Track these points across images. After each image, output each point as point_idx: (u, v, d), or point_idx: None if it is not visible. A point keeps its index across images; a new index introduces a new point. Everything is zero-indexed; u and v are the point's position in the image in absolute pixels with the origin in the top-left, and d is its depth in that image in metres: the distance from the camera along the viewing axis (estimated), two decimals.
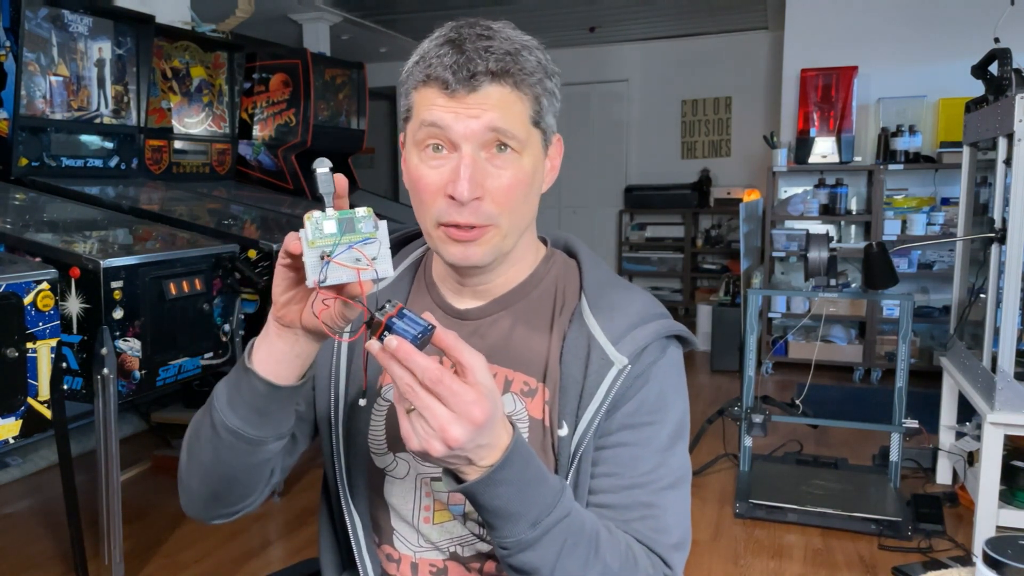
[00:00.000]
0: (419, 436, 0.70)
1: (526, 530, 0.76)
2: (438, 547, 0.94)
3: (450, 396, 0.69)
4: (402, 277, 1.01)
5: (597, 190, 7.23)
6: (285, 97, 3.99)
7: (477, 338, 0.94)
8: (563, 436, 0.88)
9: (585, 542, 0.79)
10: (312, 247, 0.71)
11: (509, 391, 0.92)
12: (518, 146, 0.85)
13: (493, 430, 0.72)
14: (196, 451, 0.90)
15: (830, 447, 3.47)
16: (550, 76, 0.88)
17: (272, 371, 0.82)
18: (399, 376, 0.69)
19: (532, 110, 0.86)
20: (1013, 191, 2.35)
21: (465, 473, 0.74)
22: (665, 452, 0.89)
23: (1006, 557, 0.76)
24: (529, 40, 0.88)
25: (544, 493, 0.77)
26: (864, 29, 4.87)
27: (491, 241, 0.87)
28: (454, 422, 0.69)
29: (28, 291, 1.80)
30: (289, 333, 0.80)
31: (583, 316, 0.91)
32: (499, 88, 0.83)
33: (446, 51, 0.83)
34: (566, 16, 6.10)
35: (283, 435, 0.88)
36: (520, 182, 0.86)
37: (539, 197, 0.92)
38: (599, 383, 0.87)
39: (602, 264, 0.98)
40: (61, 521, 2.59)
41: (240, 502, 0.94)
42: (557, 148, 0.93)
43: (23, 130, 2.70)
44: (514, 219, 0.87)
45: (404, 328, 0.69)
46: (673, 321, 0.92)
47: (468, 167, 0.82)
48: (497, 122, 0.83)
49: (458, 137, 0.83)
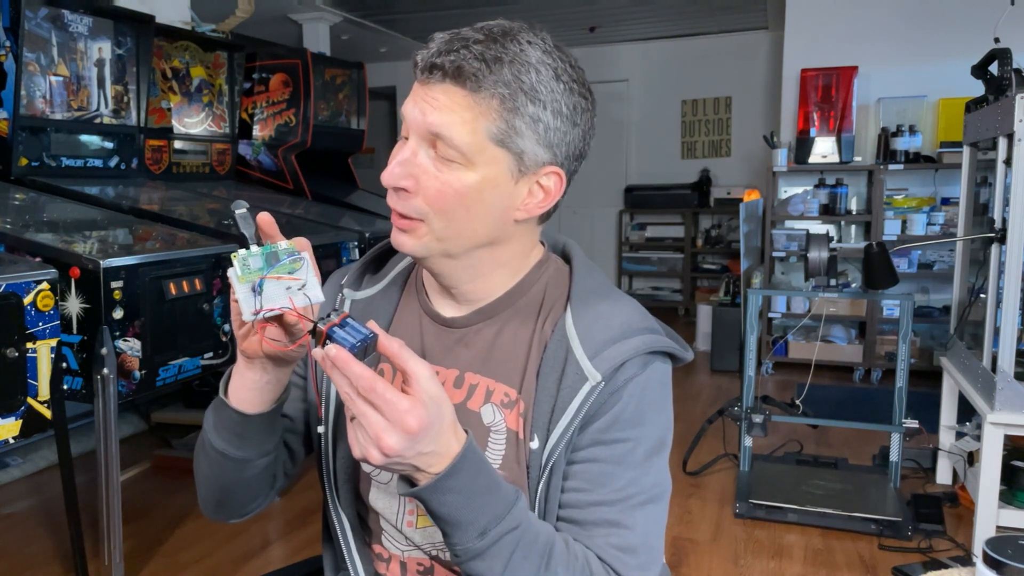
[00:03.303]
0: (359, 443, 0.71)
1: (474, 539, 0.76)
2: (422, 549, 0.95)
3: (383, 404, 0.69)
4: (393, 284, 1.00)
5: (597, 190, 7.23)
6: (285, 97, 3.99)
7: (462, 347, 0.93)
8: (534, 449, 0.87)
9: (536, 554, 0.79)
10: (242, 283, 0.75)
11: (489, 402, 0.90)
12: (460, 158, 0.81)
13: (437, 438, 0.72)
14: (198, 464, 0.96)
15: (830, 447, 3.47)
16: (537, 101, 0.81)
17: (245, 400, 0.87)
18: (339, 383, 0.70)
19: (495, 127, 0.81)
20: (1013, 191, 2.35)
21: (416, 479, 0.75)
22: (639, 469, 0.86)
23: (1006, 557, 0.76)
24: (534, 57, 0.81)
25: (494, 503, 0.76)
26: (864, 29, 4.87)
27: (422, 237, 0.86)
28: (388, 430, 0.69)
29: (28, 291, 1.80)
30: (256, 363, 0.84)
31: (565, 327, 0.89)
32: (453, 87, 0.80)
33: (440, 38, 0.83)
34: (566, 16, 6.10)
35: (268, 452, 0.92)
36: (455, 191, 0.82)
37: (503, 219, 0.87)
38: (571, 398, 0.85)
39: (595, 272, 0.95)
40: (61, 521, 2.59)
41: (244, 508, 0.99)
42: (555, 182, 0.87)
43: (23, 130, 2.70)
44: (452, 227, 0.84)
45: (344, 336, 0.71)
46: (659, 336, 0.89)
47: (403, 155, 0.83)
48: (437, 126, 0.81)
49: (409, 127, 0.84)
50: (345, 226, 3.38)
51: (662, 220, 7.03)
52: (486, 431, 0.89)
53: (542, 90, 0.82)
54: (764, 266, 4.83)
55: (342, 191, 4.21)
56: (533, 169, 0.85)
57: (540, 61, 0.82)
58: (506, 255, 0.91)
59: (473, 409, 0.90)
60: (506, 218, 0.87)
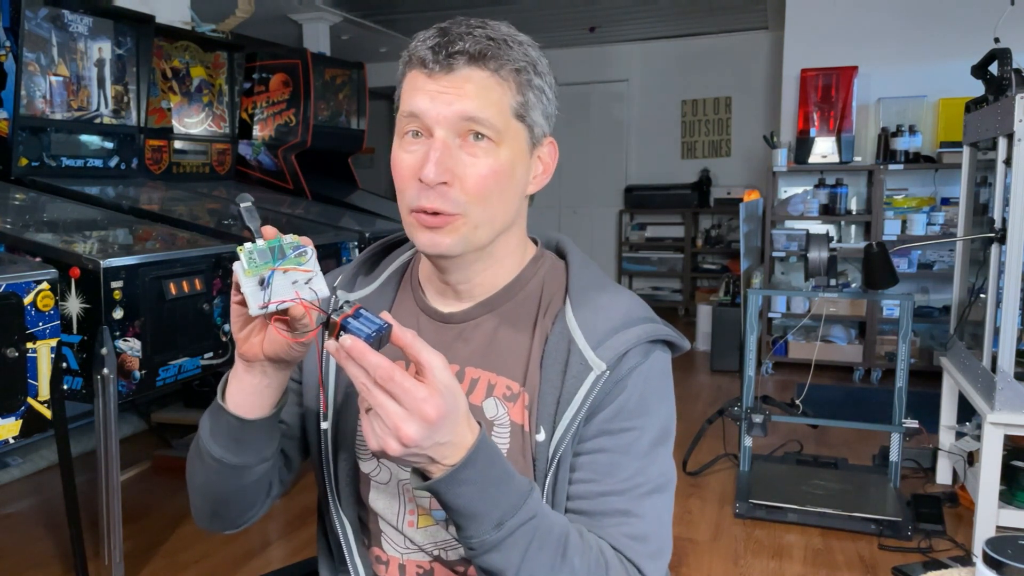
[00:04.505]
0: (376, 435, 0.71)
1: (490, 531, 0.75)
2: (423, 550, 0.94)
3: (402, 393, 0.69)
4: (388, 283, 1.00)
5: (597, 190, 7.23)
6: (285, 97, 3.99)
7: (461, 342, 0.93)
8: (541, 441, 0.87)
9: (552, 545, 0.79)
10: (249, 276, 0.75)
11: (492, 395, 0.90)
12: (495, 136, 0.84)
13: (453, 428, 0.71)
14: (192, 474, 0.94)
15: (830, 447, 3.47)
16: (539, 73, 0.87)
17: (243, 405, 0.86)
18: (354, 375, 0.70)
19: (515, 101, 0.85)
20: (1013, 191, 2.35)
21: (430, 472, 0.74)
22: (645, 458, 0.87)
23: (1006, 557, 0.76)
24: (523, 38, 0.87)
25: (509, 494, 0.76)
26: (864, 29, 4.87)
27: (459, 230, 0.85)
28: (407, 419, 0.69)
29: (28, 291, 1.80)
30: (256, 366, 0.83)
31: (565, 319, 0.89)
32: (478, 71, 0.83)
33: (431, 34, 0.84)
34: (566, 16, 6.11)
35: (266, 459, 0.91)
36: (494, 172, 0.84)
37: (523, 197, 0.91)
38: (577, 389, 0.85)
39: (591, 266, 0.96)
40: (61, 521, 2.59)
41: (240, 517, 0.97)
42: (550, 151, 0.92)
43: (23, 130, 2.70)
44: (488, 212, 0.86)
45: (359, 327, 0.70)
46: (659, 325, 0.90)
47: (437, 150, 0.83)
48: (471, 111, 0.82)
49: (432, 122, 0.83)
50: (345, 226, 3.38)
51: (662, 220, 7.03)
52: (489, 425, 0.90)
53: (540, 64, 0.88)
54: (764, 266, 4.83)
55: (342, 191, 4.21)
56: (539, 140, 0.90)
57: (526, 40, 0.88)
58: (516, 238, 0.94)
59: (475, 403, 0.90)
60: (523, 194, 0.91)
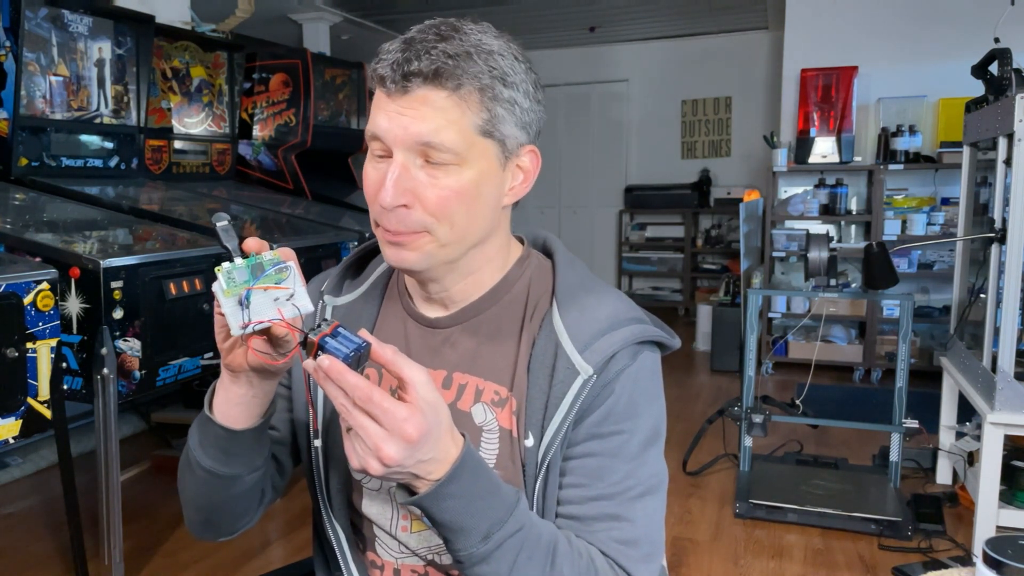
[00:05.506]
0: (358, 455, 0.70)
1: (477, 543, 0.75)
2: (417, 554, 0.94)
3: (381, 414, 0.68)
4: (374, 288, 0.99)
5: (597, 190, 7.23)
6: (285, 97, 3.98)
7: (449, 347, 0.92)
8: (529, 447, 0.86)
9: (541, 555, 0.78)
10: (228, 296, 0.74)
11: (480, 401, 0.90)
12: (454, 158, 0.81)
13: (436, 444, 0.71)
14: (183, 484, 0.93)
15: (830, 447, 3.47)
16: (510, 84, 0.82)
17: (231, 416, 0.85)
18: (333, 395, 0.69)
19: (478, 118, 0.81)
20: (1013, 191, 2.35)
21: (416, 487, 0.74)
22: (635, 461, 0.86)
23: (1006, 557, 0.76)
24: (495, 45, 0.83)
25: (495, 506, 0.76)
26: (864, 29, 4.87)
27: (424, 248, 0.84)
28: (387, 440, 0.68)
29: (28, 291, 1.80)
30: (241, 377, 0.83)
31: (552, 322, 0.88)
32: (434, 92, 0.80)
33: (395, 48, 0.82)
34: (566, 16, 6.10)
35: (257, 468, 0.90)
36: (456, 194, 0.82)
37: (497, 209, 0.88)
38: (564, 393, 0.84)
39: (578, 265, 0.95)
40: (61, 521, 2.59)
41: (233, 525, 0.97)
42: (531, 160, 0.89)
43: (23, 130, 2.70)
44: (455, 231, 0.84)
45: (336, 347, 0.69)
46: (647, 326, 0.89)
47: (393, 173, 0.81)
48: (426, 135, 0.79)
49: (391, 143, 0.81)
50: (345, 226, 3.38)
51: (662, 220, 7.03)
52: (478, 431, 0.89)
53: (511, 73, 0.83)
54: (764, 266, 4.83)
55: (342, 191, 4.21)
56: (514, 152, 0.86)
57: (499, 47, 0.83)
58: (493, 248, 0.91)
59: (463, 409, 0.90)
60: (498, 207, 0.88)
